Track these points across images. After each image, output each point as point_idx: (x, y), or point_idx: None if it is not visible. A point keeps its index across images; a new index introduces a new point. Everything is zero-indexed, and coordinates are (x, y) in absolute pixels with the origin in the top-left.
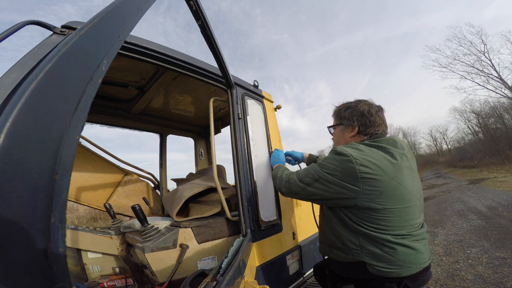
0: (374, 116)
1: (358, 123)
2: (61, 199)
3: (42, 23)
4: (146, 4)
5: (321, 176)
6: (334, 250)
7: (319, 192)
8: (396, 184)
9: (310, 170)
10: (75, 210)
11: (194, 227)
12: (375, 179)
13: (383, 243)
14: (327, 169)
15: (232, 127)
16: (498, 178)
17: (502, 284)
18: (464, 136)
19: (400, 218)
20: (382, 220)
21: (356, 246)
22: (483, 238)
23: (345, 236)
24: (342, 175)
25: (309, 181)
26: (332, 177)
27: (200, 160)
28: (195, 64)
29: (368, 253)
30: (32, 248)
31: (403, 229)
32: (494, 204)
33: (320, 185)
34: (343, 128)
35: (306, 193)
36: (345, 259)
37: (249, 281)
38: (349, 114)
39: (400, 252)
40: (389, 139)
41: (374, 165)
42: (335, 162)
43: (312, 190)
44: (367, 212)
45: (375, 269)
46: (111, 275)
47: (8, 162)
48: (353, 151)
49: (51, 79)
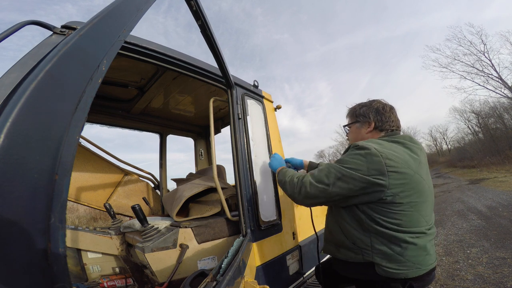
0: (389, 113)
1: (374, 119)
2: (61, 199)
3: (42, 23)
4: (146, 4)
5: (344, 173)
6: (342, 249)
7: (343, 192)
8: (418, 177)
9: (330, 169)
10: (75, 210)
11: (194, 227)
12: (401, 172)
13: (396, 242)
14: (351, 165)
15: (232, 127)
16: (498, 178)
17: (502, 284)
18: (464, 136)
19: (419, 213)
20: (402, 215)
21: (367, 246)
22: (483, 238)
23: (357, 235)
24: (368, 170)
25: (330, 181)
26: (357, 173)
27: (200, 160)
28: (195, 64)
29: (379, 253)
30: (32, 248)
31: (419, 225)
32: (494, 204)
33: (344, 183)
34: (359, 125)
35: (327, 195)
36: (353, 259)
37: (249, 281)
38: (365, 111)
39: (411, 252)
40: (406, 136)
41: (398, 158)
42: (359, 156)
43: (334, 191)
44: (389, 207)
45: (383, 270)
46: (111, 275)
47: (8, 162)
48: (375, 145)
49: (51, 79)
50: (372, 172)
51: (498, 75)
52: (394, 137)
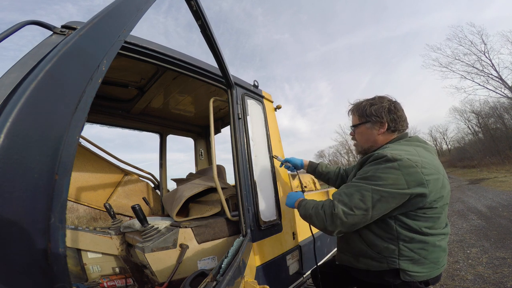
0: (400, 111)
1: (387, 119)
2: (61, 199)
3: (42, 23)
4: (146, 4)
5: (383, 194)
6: (363, 259)
7: (385, 212)
8: (446, 180)
9: (363, 191)
10: (75, 210)
11: (194, 227)
12: (436, 179)
13: (423, 246)
14: (387, 182)
15: (232, 127)
16: (498, 178)
17: (502, 284)
18: (464, 136)
19: (444, 215)
20: (435, 218)
21: (394, 254)
22: (483, 238)
23: (382, 245)
24: (407, 183)
25: (368, 205)
26: (397, 190)
27: (200, 160)
28: (195, 64)
29: (406, 259)
30: (32, 248)
31: (443, 226)
32: (494, 204)
33: (385, 204)
34: (370, 125)
35: (368, 219)
36: (377, 267)
37: (249, 281)
38: (376, 110)
39: (435, 254)
40: (418, 137)
41: (430, 165)
42: (393, 170)
43: (376, 214)
44: (426, 212)
45: (408, 275)
46: (111, 275)
47: (8, 162)
48: (405, 154)
49: (51, 79)
50: (412, 184)
51: (498, 75)
52: (410, 139)
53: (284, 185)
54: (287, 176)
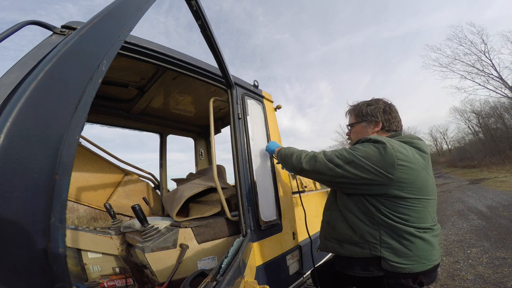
0: (395, 113)
1: (382, 119)
2: (61, 199)
3: (42, 23)
4: (146, 4)
5: (354, 159)
6: (347, 245)
7: (349, 176)
8: (426, 174)
9: (342, 152)
10: (75, 210)
11: (194, 227)
12: (410, 167)
13: (405, 236)
14: (362, 153)
15: (232, 127)
16: (499, 178)
17: (502, 284)
18: (465, 136)
19: (426, 209)
20: (410, 210)
21: (376, 240)
22: (484, 238)
23: (365, 228)
24: (378, 161)
25: (339, 162)
26: (367, 162)
27: (200, 160)
28: (195, 64)
29: (387, 247)
30: (32, 248)
31: (426, 221)
32: (494, 204)
33: (352, 168)
34: (365, 124)
35: (333, 174)
36: (359, 254)
37: (249, 281)
38: (372, 110)
39: (419, 246)
40: (412, 135)
41: (408, 154)
42: (373, 147)
43: (341, 172)
44: (397, 201)
45: (389, 265)
46: (111, 275)
47: (8, 162)
48: (387, 140)
49: (51, 79)
50: (382, 164)
51: (499, 75)
52: (400, 137)
53: (284, 185)
54: (287, 176)
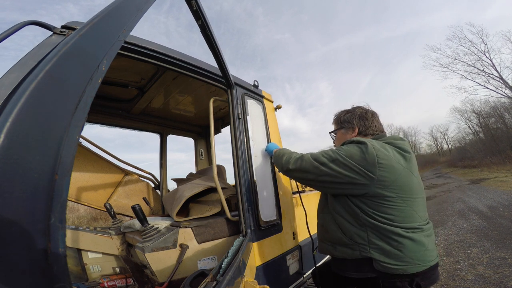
0: (371, 118)
1: (358, 124)
2: (61, 199)
3: (41, 23)
4: (146, 4)
5: (339, 158)
6: (339, 247)
7: (332, 173)
8: (408, 172)
9: (327, 151)
10: (75, 210)
11: (194, 227)
12: (391, 165)
13: (392, 237)
14: (346, 152)
15: (232, 127)
16: (499, 178)
17: (502, 284)
18: (465, 136)
19: (411, 208)
20: (394, 210)
21: (364, 241)
22: (484, 238)
23: (353, 230)
24: (360, 160)
25: (324, 160)
26: (350, 160)
27: (200, 160)
28: (195, 64)
29: (376, 248)
30: (32, 248)
31: (414, 221)
32: (495, 204)
33: (336, 166)
34: (344, 131)
35: (317, 172)
36: (351, 255)
37: (249, 281)
38: (348, 117)
39: (409, 247)
40: (395, 136)
41: (388, 154)
42: (355, 147)
43: (325, 170)
44: (380, 201)
45: (381, 266)
46: (112, 275)
47: (8, 162)
48: (370, 141)
49: (51, 79)
50: (364, 163)
51: (499, 75)
52: (383, 139)
53: (284, 185)
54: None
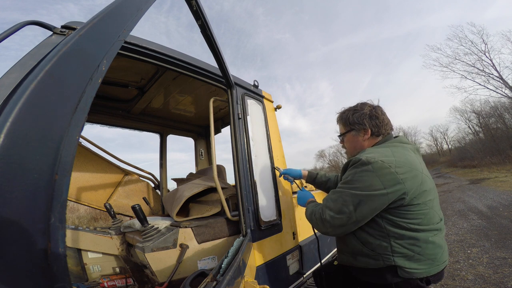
0: (381, 117)
1: (370, 125)
2: (61, 199)
3: (41, 23)
4: (146, 4)
5: (361, 196)
6: (360, 257)
7: (369, 213)
8: (425, 176)
9: (344, 196)
10: (75, 210)
11: (194, 227)
12: (412, 176)
13: (417, 244)
14: (363, 185)
15: (232, 127)
16: (499, 178)
17: (502, 284)
18: (465, 136)
19: (433, 209)
20: (421, 214)
21: (388, 251)
22: (484, 238)
23: (375, 242)
24: (382, 183)
25: (350, 209)
26: (374, 192)
27: (200, 160)
28: (195, 64)
29: (400, 256)
30: (32, 248)
31: (435, 221)
32: (494, 204)
33: (365, 206)
34: (355, 133)
35: (354, 221)
36: (374, 265)
37: (249, 281)
38: (358, 118)
39: (430, 251)
40: (401, 138)
41: (406, 164)
42: (368, 173)
43: (360, 216)
44: (409, 209)
45: (406, 272)
46: (112, 275)
47: (8, 162)
48: (379, 156)
49: (51, 79)
50: (388, 184)
51: (499, 75)
52: (390, 141)
53: (284, 185)
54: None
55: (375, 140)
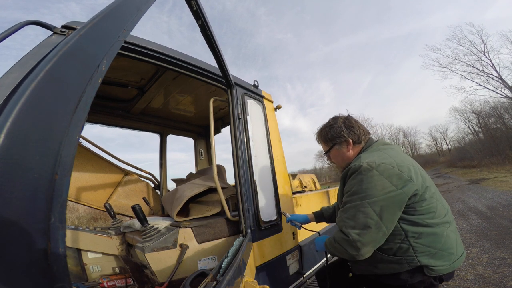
0: (356, 125)
1: (349, 135)
2: (61, 199)
3: (42, 23)
4: (146, 4)
5: (380, 202)
6: (382, 265)
7: (394, 215)
8: (423, 172)
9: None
10: (75, 210)
11: (194, 227)
12: (413, 172)
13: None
14: (376, 190)
15: (232, 127)
16: (499, 178)
17: (502, 284)
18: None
19: (439, 201)
20: (433, 208)
21: (410, 252)
22: (483, 238)
23: (394, 246)
24: (393, 184)
25: (375, 219)
26: (389, 194)
27: (200, 160)
28: (195, 64)
29: (424, 255)
30: (32, 248)
31: (444, 214)
32: (494, 204)
33: (389, 210)
34: (338, 147)
35: (384, 231)
36: (399, 269)
37: (249, 281)
38: (336, 132)
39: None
40: (383, 140)
41: (403, 162)
42: (375, 177)
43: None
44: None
45: (433, 270)
46: (111, 275)
47: (8, 162)
48: (378, 159)
49: (51, 79)
50: (398, 184)
51: (499, 75)
52: (376, 145)
53: (284, 185)
54: (287, 176)
55: (359, 147)
